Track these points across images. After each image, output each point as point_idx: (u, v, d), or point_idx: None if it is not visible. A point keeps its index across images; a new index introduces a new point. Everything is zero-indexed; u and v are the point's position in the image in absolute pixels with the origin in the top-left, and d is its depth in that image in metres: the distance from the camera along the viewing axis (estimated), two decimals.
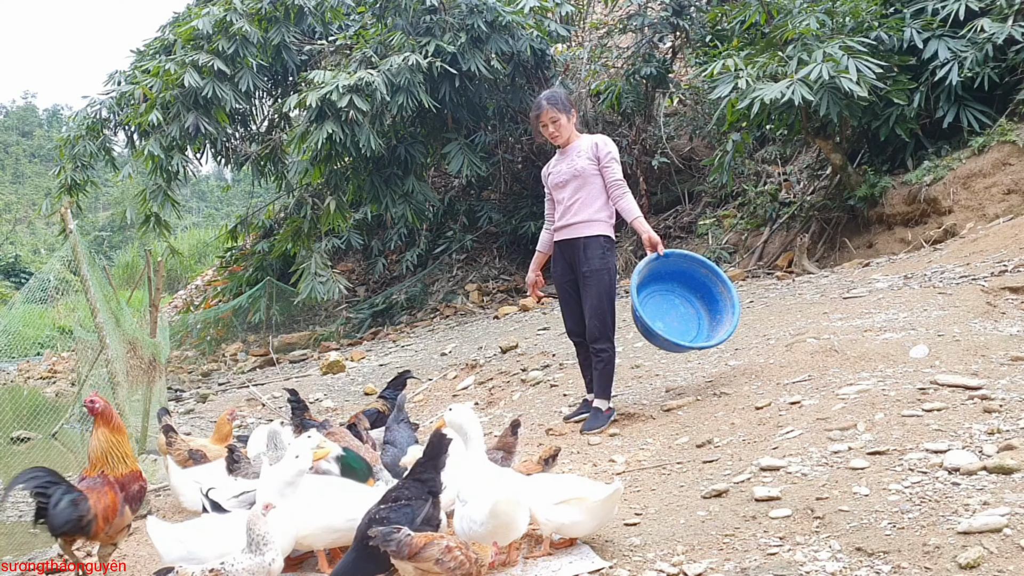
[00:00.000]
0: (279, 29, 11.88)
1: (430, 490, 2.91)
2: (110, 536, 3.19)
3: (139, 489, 3.29)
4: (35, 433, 8.54)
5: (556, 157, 4.80)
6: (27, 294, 6.82)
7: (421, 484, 2.91)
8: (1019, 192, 7.83)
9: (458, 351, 8.55)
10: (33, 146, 51.66)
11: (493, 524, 2.75)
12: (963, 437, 3.13)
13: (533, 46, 11.29)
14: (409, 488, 2.91)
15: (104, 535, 3.16)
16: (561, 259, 4.77)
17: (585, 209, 4.61)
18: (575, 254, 4.65)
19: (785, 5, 8.73)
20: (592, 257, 4.58)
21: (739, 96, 7.98)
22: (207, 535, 2.99)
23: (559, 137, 4.70)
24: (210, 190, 49.08)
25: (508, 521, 2.76)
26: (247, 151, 14.53)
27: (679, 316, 4.94)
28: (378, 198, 11.38)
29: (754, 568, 2.55)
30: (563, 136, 4.69)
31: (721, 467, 3.49)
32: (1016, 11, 7.81)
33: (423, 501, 2.87)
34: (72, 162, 12.45)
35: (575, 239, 4.64)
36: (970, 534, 2.45)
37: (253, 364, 12.45)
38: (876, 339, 4.69)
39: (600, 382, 4.66)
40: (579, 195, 4.62)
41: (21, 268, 29.64)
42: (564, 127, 4.66)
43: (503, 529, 2.77)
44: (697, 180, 12.21)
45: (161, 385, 7.19)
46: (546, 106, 4.63)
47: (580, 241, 4.62)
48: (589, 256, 4.59)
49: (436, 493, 2.92)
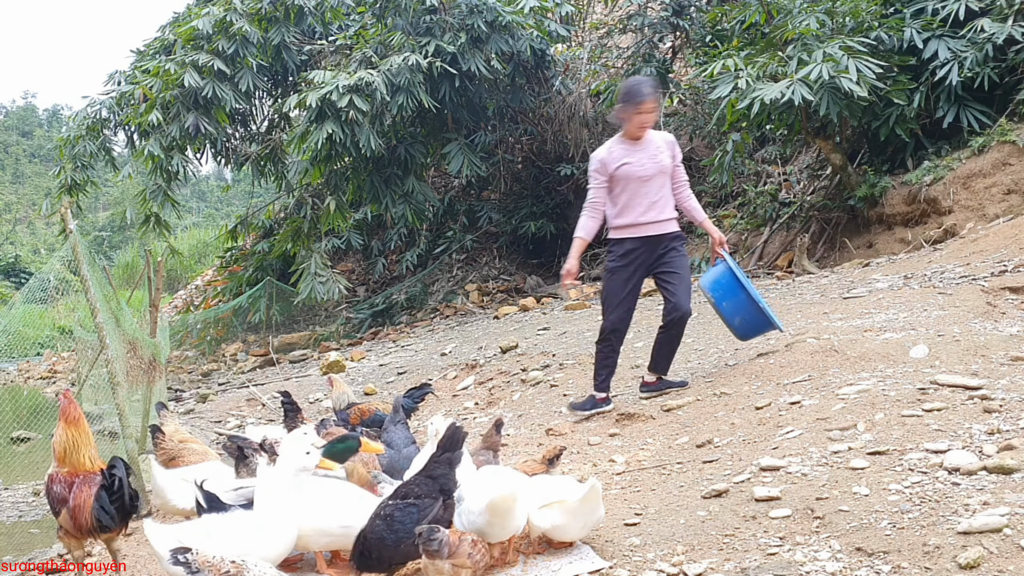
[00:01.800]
0: (279, 29, 11.89)
1: (441, 488, 2.81)
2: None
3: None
4: (35, 433, 8.54)
5: (624, 147, 4.67)
6: (27, 294, 6.82)
7: (432, 481, 2.82)
8: (1019, 192, 7.83)
9: (458, 351, 8.55)
10: (33, 146, 51.65)
11: (491, 518, 2.77)
12: (963, 437, 3.13)
13: (533, 46, 11.29)
14: (419, 486, 2.82)
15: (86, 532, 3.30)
16: (644, 251, 4.69)
17: (669, 205, 4.70)
18: (663, 248, 4.69)
19: (785, 5, 8.72)
20: (683, 250, 4.74)
21: (739, 96, 7.98)
22: (208, 535, 2.87)
23: (650, 126, 4.68)
24: (210, 190, 49.08)
25: (506, 514, 2.78)
26: (247, 151, 14.53)
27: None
28: (378, 198, 11.38)
29: (754, 568, 2.55)
30: (652, 126, 4.70)
31: (721, 467, 3.49)
32: (1016, 11, 7.81)
33: (432, 500, 2.78)
34: (72, 162, 12.46)
35: (665, 234, 4.69)
36: (970, 534, 2.45)
37: (253, 364, 12.45)
38: (876, 339, 4.69)
39: (669, 357, 4.88)
40: (664, 191, 4.67)
41: (21, 268, 29.64)
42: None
43: (501, 522, 2.79)
44: (697, 180, 12.19)
45: (161, 385, 7.20)
46: (653, 94, 4.60)
47: (669, 236, 4.70)
48: (681, 250, 4.73)
49: (448, 492, 2.83)
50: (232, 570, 2.55)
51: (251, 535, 2.85)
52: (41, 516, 5.68)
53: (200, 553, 2.58)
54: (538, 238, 13.13)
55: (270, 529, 2.88)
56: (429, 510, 2.77)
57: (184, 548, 2.60)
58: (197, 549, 2.59)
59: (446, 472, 2.84)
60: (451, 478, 2.84)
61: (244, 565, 2.58)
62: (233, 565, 2.56)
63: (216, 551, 2.67)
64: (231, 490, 3.47)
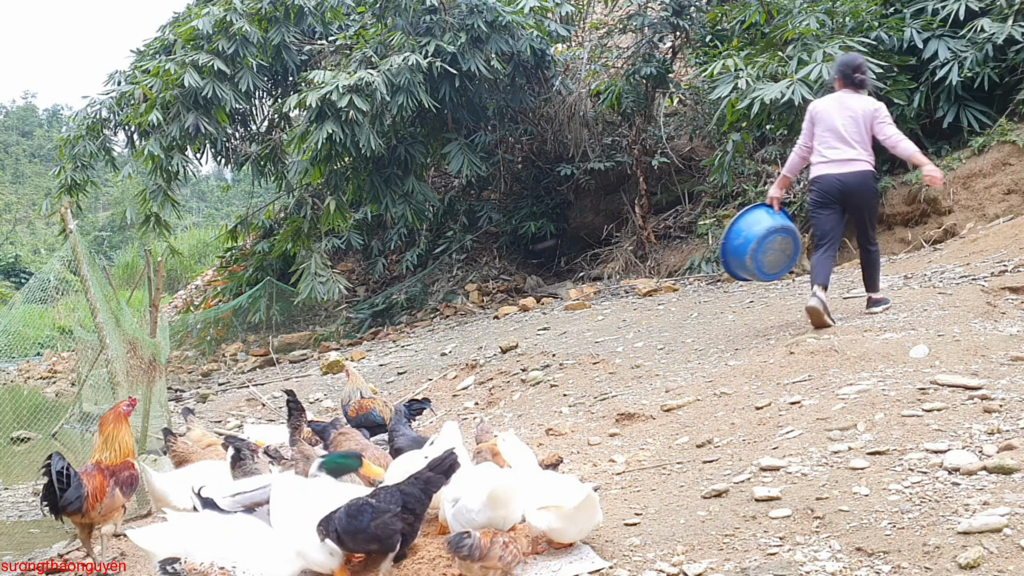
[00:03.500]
0: (279, 29, 11.89)
1: (404, 504, 2.83)
2: (104, 515, 3.55)
3: (129, 476, 3.65)
4: (35, 433, 8.54)
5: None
6: (27, 294, 6.82)
7: (400, 494, 2.84)
8: (1019, 192, 7.83)
9: (458, 351, 8.55)
10: (33, 146, 51.63)
11: (491, 510, 2.80)
12: (963, 437, 3.13)
13: (533, 46, 11.29)
14: (386, 492, 2.86)
15: (98, 514, 3.52)
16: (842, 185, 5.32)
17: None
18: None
19: (785, 5, 8.73)
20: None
21: (739, 96, 7.98)
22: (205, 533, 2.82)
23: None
24: (210, 190, 49.07)
25: (506, 504, 2.82)
26: (247, 151, 14.54)
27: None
28: (378, 198, 11.38)
29: (754, 568, 2.55)
30: None
31: (721, 467, 3.49)
32: (1016, 11, 7.82)
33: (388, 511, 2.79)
34: (72, 162, 12.46)
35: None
36: (970, 534, 2.45)
37: (253, 364, 12.45)
38: (876, 339, 4.69)
39: (874, 276, 5.52)
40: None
41: (21, 268, 29.64)
42: None
43: (501, 513, 2.82)
44: (697, 180, 12.20)
45: (161, 385, 7.18)
46: None
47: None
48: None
49: (412, 511, 2.84)
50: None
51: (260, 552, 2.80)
52: (41, 516, 5.67)
53: (188, 562, 2.59)
54: (538, 238, 13.13)
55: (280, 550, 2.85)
56: (381, 516, 2.78)
57: (172, 559, 2.62)
58: (186, 557, 2.60)
59: (417, 495, 2.86)
60: (419, 501, 2.86)
61: (231, 571, 2.58)
62: (222, 572, 2.57)
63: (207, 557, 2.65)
64: (231, 495, 3.45)
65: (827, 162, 5.34)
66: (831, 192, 5.32)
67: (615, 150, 12.57)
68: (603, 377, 5.82)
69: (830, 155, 5.32)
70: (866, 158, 5.29)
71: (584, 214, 13.31)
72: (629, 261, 11.52)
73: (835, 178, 5.29)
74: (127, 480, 3.63)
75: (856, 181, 5.25)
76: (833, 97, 5.43)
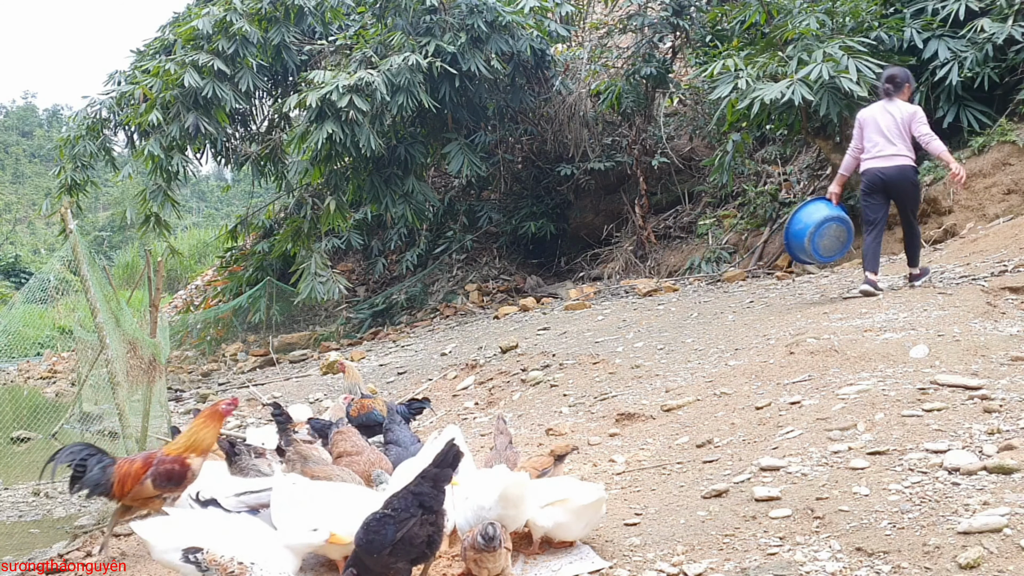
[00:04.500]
0: (279, 29, 11.89)
1: (421, 503, 2.71)
2: (134, 500, 3.66)
3: (167, 470, 3.64)
4: (35, 433, 8.54)
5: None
6: (27, 294, 6.82)
7: (414, 497, 2.73)
8: (1019, 192, 7.83)
9: (458, 351, 8.55)
10: (33, 146, 51.67)
11: (503, 508, 2.83)
12: (963, 437, 3.13)
13: (533, 46, 11.29)
14: (400, 499, 2.73)
15: (128, 498, 3.64)
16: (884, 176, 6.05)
17: None
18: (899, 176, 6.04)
19: (785, 5, 8.73)
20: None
21: (739, 96, 7.98)
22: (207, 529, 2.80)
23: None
24: (210, 190, 49.10)
25: (518, 503, 2.85)
26: (247, 151, 14.54)
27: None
28: (378, 198, 11.39)
29: (754, 568, 2.55)
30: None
31: (721, 467, 3.49)
32: (1016, 11, 7.81)
33: (409, 515, 2.68)
34: (72, 162, 12.46)
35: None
36: (970, 534, 2.45)
37: (253, 364, 12.45)
38: (876, 339, 4.69)
39: (915, 253, 6.19)
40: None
41: (21, 268, 29.66)
42: None
43: (513, 511, 2.85)
44: (697, 180, 12.20)
45: (161, 385, 7.18)
46: None
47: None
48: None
49: (430, 509, 2.72)
50: (237, 571, 2.58)
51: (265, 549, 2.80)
52: (41, 516, 5.67)
53: (209, 552, 2.62)
54: (538, 238, 13.13)
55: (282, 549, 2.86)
56: (405, 524, 2.67)
57: (195, 548, 2.64)
58: (208, 548, 2.62)
59: (430, 491, 2.74)
60: (434, 497, 2.74)
61: (250, 567, 2.59)
62: (239, 566, 2.59)
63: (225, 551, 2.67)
64: (236, 494, 3.45)
65: (872, 158, 6.08)
66: (875, 183, 6.07)
67: (615, 150, 12.58)
68: (603, 377, 5.82)
69: (875, 152, 6.06)
70: (906, 153, 5.99)
71: (584, 214, 13.31)
72: (629, 261, 11.53)
73: (878, 171, 6.03)
74: (163, 473, 3.63)
75: (896, 173, 5.98)
76: (877, 105, 6.18)
